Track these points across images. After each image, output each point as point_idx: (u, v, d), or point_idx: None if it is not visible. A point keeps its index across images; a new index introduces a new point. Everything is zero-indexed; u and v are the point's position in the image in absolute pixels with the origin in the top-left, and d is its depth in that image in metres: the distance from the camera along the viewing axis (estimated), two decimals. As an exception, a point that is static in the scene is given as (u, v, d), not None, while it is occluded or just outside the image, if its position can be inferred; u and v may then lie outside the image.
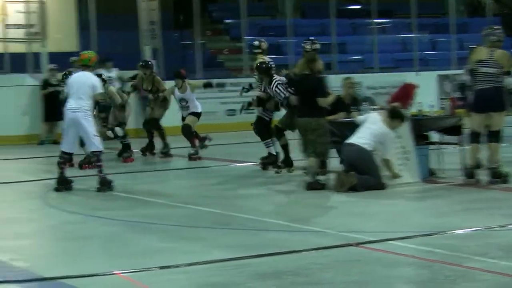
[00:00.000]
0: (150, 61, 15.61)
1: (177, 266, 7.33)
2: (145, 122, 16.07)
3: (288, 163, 12.75)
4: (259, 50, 13.56)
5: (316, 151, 11.49)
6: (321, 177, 11.51)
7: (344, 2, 27.99)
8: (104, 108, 14.30)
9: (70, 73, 13.05)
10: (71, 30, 22.50)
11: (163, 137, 15.56)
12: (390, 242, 7.99)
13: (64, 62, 19.00)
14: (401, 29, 26.50)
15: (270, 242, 8.45)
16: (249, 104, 14.02)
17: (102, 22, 21.86)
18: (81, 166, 13.23)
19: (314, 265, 7.24)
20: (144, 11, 21.30)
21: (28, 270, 7.61)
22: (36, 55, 19.95)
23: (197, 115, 14.20)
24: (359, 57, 25.26)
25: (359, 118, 11.55)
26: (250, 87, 14.42)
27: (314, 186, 11.25)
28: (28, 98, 18.85)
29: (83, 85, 11.44)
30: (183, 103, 14.59)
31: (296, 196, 11.65)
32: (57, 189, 11.34)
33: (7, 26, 20.66)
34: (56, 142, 16.07)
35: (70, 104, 11.30)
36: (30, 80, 19.28)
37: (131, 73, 18.34)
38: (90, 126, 11.31)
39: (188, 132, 14.07)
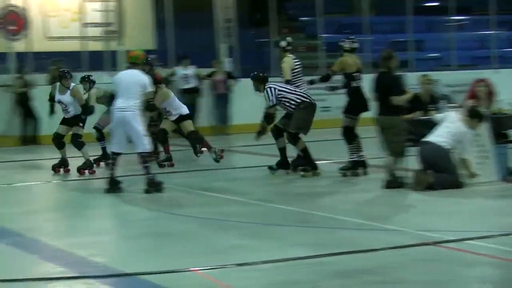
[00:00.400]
0: (149, 57, 14.60)
1: (253, 264, 7.38)
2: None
3: (285, 165, 12.78)
4: (289, 47, 13.46)
5: (391, 150, 11.45)
6: (400, 175, 11.38)
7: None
8: (153, 107, 14.12)
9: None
10: (148, 28, 22.99)
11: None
12: (468, 241, 7.88)
13: None
14: (479, 26, 26.24)
15: (347, 240, 8.44)
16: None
17: (178, 20, 22.21)
18: (79, 171, 13.00)
19: (390, 264, 7.23)
20: (220, 9, 21.70)
21: (106, 265, 7.72)
22: (113, 53, 20.22)
23: (186, 118, 13.50)
24: (437, 54, 25.20)
25: (437, 116, 11.45)
26: (336, 87, 14.01)
27: (392, 184, 11.20)
28: (106, 95, 19.09)
29: (132, 83, 11.32)
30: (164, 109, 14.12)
31: (373, 194, 11.56)
32: (107, 191, 11.31)
33: (85, 24, 21.36)
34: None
35: (118, 103, 11.22)
36: (107, 78, 19.50)
37: (207, 70, 18.87)
38: (139, 126, 11.21)
39: (163, 137, 13.60)
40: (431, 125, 11.30)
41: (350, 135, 12.81)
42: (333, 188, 12.65)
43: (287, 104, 12.39)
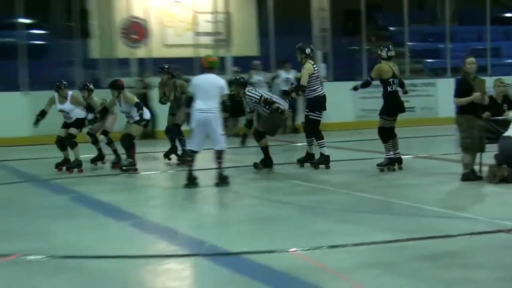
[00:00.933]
0: (166, 66, 14.81)
1: (344, 246, 7.79)
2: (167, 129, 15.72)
3: (267, 164, 13.03)
4: (312, 54, 13.66)
5: (463, 146, 11.89)
6: (476, 169, 11.70)
7: (499, 10, 28.06)
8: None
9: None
10: (252, 36, 24.14)
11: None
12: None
13: (245, 65, 21.07)
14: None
15: (428, 226, 8.77)
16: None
17: (279, 28, 23.32)
18: (68, 169, 13.28)
19: (468, 248, 7.60)
20: (316, 19, 22.34)
21: (214, 245, 8.22)
22: (222, 59, 20.91)
23: (141, 123, 13.28)
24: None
25: (511, 115, 12.01)
26: (356, 87, 14.20)
27: (469, 177, 11.61)
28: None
29: (211, 86, 11.50)
30: (126, 114, 13.94)
31: (451, 186, 11.92)
32: (186, 186, 11.50)
33: (197, 34, 22.74)
34: (237, 135, 16.48)
35: (199, 105, 11.37)
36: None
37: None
38: (219, 126, 11.41)
39: (128, 141, 13.25)
40: (507, 124, 11.70)
41: (385, 135, 13.30)
42: (415, 180, 12.87)
43: (265, 108, 12.84)
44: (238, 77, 13.68)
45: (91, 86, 13.71)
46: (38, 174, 14.73)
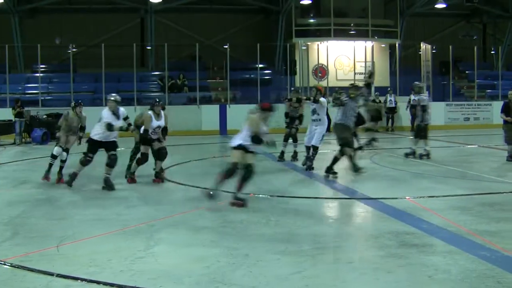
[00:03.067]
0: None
1: (437, 197, 9.92)
2: None
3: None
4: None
5: (505, 141, 14.05)
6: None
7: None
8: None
9: None
10: (386, 74, 29.85)
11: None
12: None
13: (382, 91, 26.55)
14: None
15: (486, 187, 10.81)
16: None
17: (402, 70, 28.05)
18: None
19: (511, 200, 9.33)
20: (424, 66, 28.17)
21: (362, 192, 10.56)
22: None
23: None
24: None
25: None
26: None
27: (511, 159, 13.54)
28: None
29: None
30: None
31: (501, 163, 14.21)
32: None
33: (355, 73, 29.89)
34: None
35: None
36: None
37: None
38: None
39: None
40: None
41: (419, 134, 15.46)
42: (478, 159, 15.43)
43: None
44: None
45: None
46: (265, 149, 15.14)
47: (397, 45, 30.70)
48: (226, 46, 27.76)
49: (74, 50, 27.39)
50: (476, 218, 8.44)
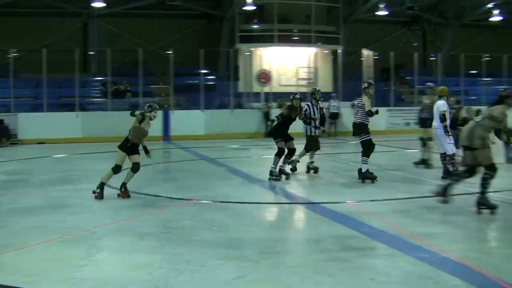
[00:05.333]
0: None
1: (379, 200, 10.18)
2: None
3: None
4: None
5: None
6: None
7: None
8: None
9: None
10: (329, 80, 30.16)
11: None
12: None
13: (326, 97, 25.15)
14: None
15: (427, 190, 11.25)
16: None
17: (345, 76, 28.79)
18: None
19: (449, 204, 9.62)
20: (365, 72, 28.66)
21: (302, 197, 10.92)
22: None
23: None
24: None
25: None
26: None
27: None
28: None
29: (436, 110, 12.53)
30: None
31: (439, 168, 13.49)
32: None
33: (298, 79, 30.30)
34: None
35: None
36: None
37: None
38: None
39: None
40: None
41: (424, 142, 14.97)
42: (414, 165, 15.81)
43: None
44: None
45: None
46: (209, 156, 17.84)
47: (340, 51, 30.96)
48: (170, 52, 27.68)
49: (14, 54, 26.80)
50: (416, 221, 8.64)
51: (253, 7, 29.02)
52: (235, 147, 16.68)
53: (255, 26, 31.13)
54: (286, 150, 12.99)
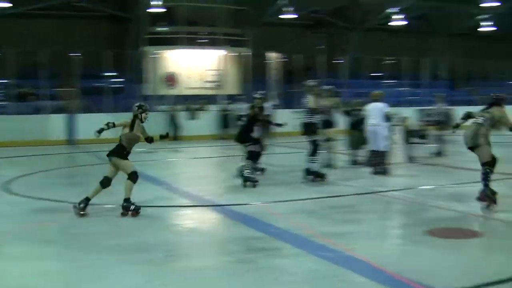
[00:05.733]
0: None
1: (286, 201, 10.48)
2: None
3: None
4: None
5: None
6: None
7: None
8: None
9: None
10: (236, 83, 30.53)
11: None
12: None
13: (232, 99, 27.05)
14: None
15: (332, 190, 12.06)
16: None
17: (254, 79, 29.02)
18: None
19: (354, 202, 10.49)
20: (272, 74, 28.80)
21: (210, 200, 11.37)
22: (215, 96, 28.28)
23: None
24: None
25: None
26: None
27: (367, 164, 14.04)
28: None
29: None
30: None
31: (343, 169, 14.53)
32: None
33: (206, 81, 30.07)
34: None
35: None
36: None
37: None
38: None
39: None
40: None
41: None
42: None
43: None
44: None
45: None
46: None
47: (247, 54, 31.00)
48: (76, 54, 27.09)
49: None
50: (321, 221, 8.82)
51: (161, 9, 28.76)
52: (142, 150, 16.28)
53: (162, 29, 30.80)
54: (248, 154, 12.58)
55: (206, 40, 30.96)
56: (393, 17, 34.05)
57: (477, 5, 33.51)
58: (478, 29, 38.33)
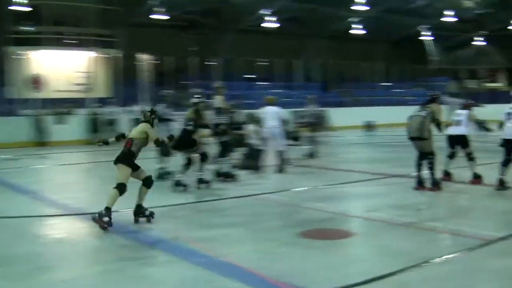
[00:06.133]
0: None
1: (158, 207, 10.72)
2: None
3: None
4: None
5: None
6: None
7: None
8: None
9: None
10: (106, 85, 30.04)
11: None
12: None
13: (103, 102, 26.59)
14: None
15: (202, 194, 11.67)
16: None
17: (125, 81, 29.54)
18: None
19: (229, 205, 11.30)
20: (144, 76, 28.41)
21: (80, 208, 10.51)
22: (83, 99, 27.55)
23: None
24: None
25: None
26: None
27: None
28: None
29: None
30: None
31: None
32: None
33: (74, 84, 29.58)
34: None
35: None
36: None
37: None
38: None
39: None
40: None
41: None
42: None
43: None
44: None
45: None
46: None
47: (118, 55, 30.69)
48: None
49: None
50: (193, 226, 8.84)
51: (25, 8, 27.86)
52: (6, 157, 15.87)
53: (27, 28, 29.85)
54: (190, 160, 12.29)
55: (73, 41, 30.31)
56: (266, 18, 34.75)
57: (348, 8, 34.85)
58: (350, 32, 39.73)
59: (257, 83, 33.90)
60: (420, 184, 11.69)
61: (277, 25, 35.42)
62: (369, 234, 8.48)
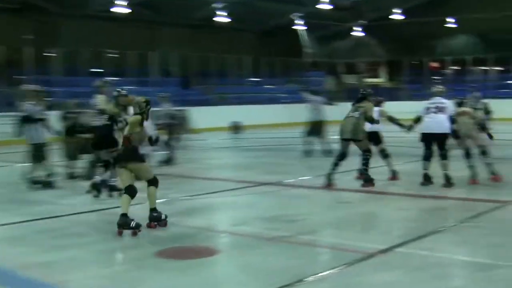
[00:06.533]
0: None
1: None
2: None
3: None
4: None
5: None
6: None
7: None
8: None
9: None
10: None
11: None
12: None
13: None
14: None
15: (49, 211, 12.49)
16: None
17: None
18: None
19: (69, 223, 11.71)
20: None
21: None
22: None
23: None
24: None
25: None
26: None
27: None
28: None
29: None
30: None
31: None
32: None
33: None
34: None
35: None
36: None
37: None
38: None
39: None
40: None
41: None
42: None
43: None
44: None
45: None
46: None
47: None
48: None
49: None
50: (29, 248, 8.54)
51: None
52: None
53: None
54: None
55: None
56: (116, 2, 34.21)
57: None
58: (213, 19, 39.90)
59: (105, 78, 32.99)
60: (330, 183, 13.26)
61: (129, 10, 34.96)
62: (235, 251, 8.52)
